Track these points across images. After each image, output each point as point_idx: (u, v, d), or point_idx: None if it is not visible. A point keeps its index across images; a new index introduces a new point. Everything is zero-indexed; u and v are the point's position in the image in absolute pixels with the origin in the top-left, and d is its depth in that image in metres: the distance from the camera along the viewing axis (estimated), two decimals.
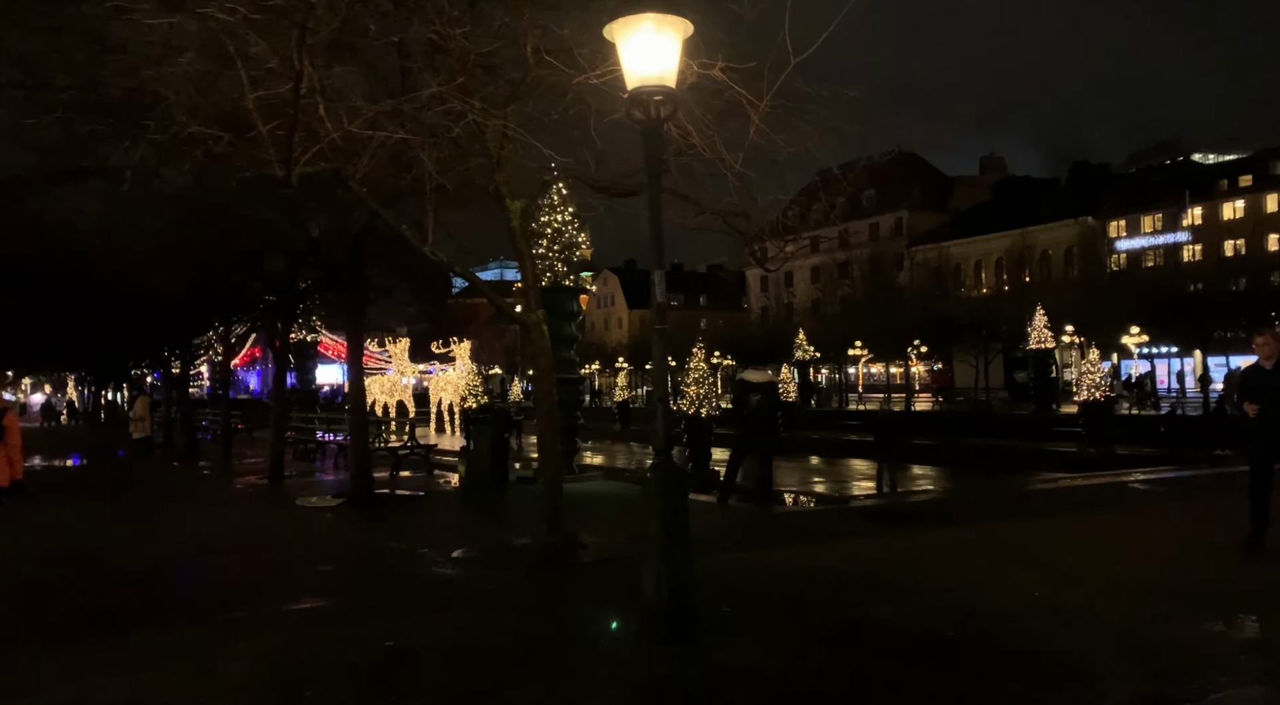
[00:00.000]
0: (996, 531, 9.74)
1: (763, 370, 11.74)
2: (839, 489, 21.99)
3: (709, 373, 24.27)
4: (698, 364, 24.04)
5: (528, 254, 8.81)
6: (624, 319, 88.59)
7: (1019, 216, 64.30)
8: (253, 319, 20.88)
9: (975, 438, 35.53)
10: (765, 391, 11.34)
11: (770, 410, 11.48)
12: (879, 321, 50.60)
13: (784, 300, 71.69)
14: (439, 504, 12.76)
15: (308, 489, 14.79)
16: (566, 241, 14.26)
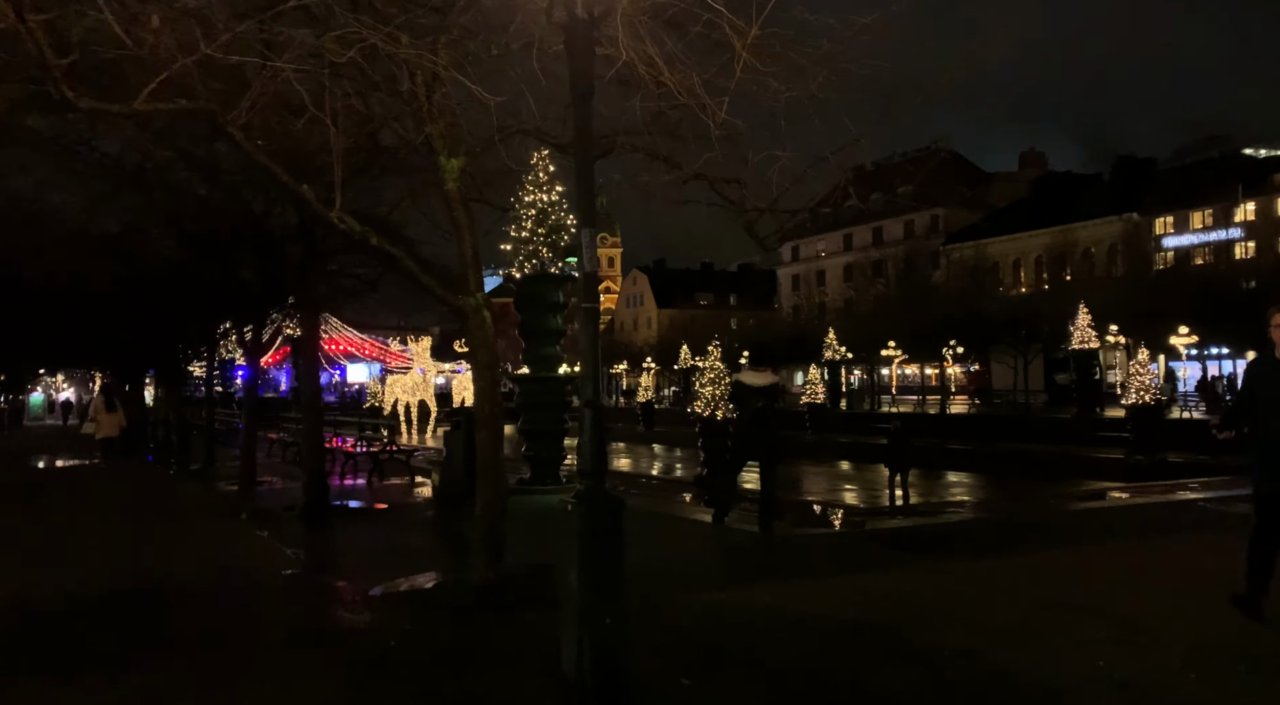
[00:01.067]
0: (1041, 563, 7.97)
1: (763, 371, 10.08)
2: (860, 500, 20.12)
3: (727, 372, 22.57)
4: (714, 363, 22.34)
5: (466, 224, 7.22)
6: (653, 319, 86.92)
7: (1059, 213, 61.68)
8: (238, 315, 19.59)
9: (1013, 442, 33.40)
10: (766, 395, 9.69)
11: (772, 416, 9.82)
12: (913, 321, 48.52)
13: (815, 299, 69.58)
14: (398, 519, 11.23)
15: (271, 498, 13.34)
16: (554, 224, 12.66)
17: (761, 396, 9.62)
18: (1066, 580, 7.27)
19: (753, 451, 9.89)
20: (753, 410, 9.68)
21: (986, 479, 26.21)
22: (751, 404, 9.66)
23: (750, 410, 9.71)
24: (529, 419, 12.81)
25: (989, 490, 23.76)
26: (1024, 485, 24.09)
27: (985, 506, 18.01)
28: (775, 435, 9.83)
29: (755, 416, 9.65)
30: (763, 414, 9.63)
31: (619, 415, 53.62)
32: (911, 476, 25.24)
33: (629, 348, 69.25)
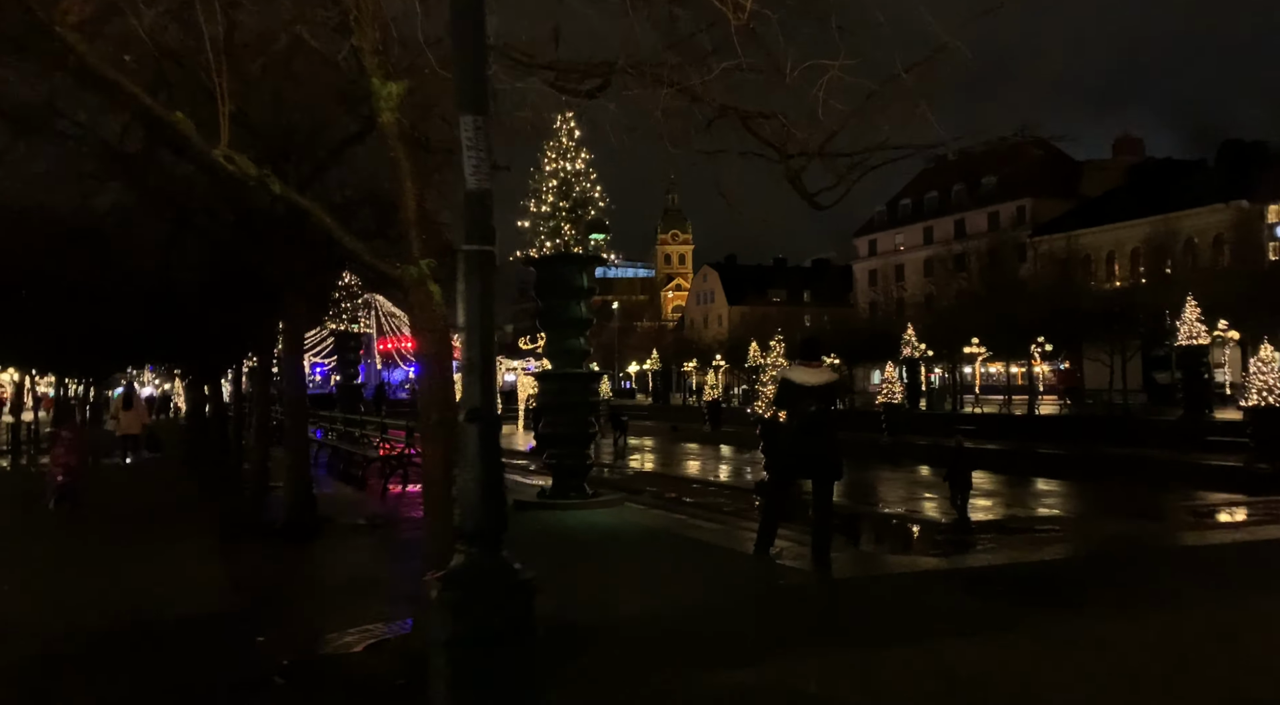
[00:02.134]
0: (1199, 629, 5.77)
1: (817, 366, 7.99)
2: (939, 514, 17.72)
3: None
4: (777, 359, 20.23)
5: (406, 169, 5.39)
6: (723, 316, 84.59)
7: (1158, 202, 57.29)
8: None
9: (1112, 446, 30.31)
10: (821, 397, 7.65)
11: (829, 423, 7.77)
12: (998, 317, 45.31)
13: (894, 295, 66.31)
14: (389, 542, 9.50)
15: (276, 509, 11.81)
16: (579, 197, 10.82)
17: (815, 398, 7.61)
18: (1244, 657, 5.09)
19: (804, 467, 7.88)
20: (804, 415, 7.66)
21: (1083, 488, 23.42)
22: (802, 408, 7.65)
23: (801, 415, 7.70)
24: (550, 421, 11.01)
25: (1089, 503, 21.06)
26: (1128, 496, 21.34)
27: (1090, 527, 15.51)
28: (833, 448, 7.77)
29: (807, 423, 7.63)
30: (817, 421, 7.62)
31: (687, 414, 51.68)
32: (998, 484, 22.78)
33: (698, 345, 67.19)
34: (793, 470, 8.03)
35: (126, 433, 20.12)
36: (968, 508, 17.23)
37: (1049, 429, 36.03)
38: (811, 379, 7.66)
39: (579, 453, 10.85)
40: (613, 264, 10.73)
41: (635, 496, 14.81)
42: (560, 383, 10.83)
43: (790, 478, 8.15)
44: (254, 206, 10.66)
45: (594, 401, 10.85)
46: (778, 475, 8.21)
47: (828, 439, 7.69)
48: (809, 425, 7.62)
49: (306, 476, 9.80)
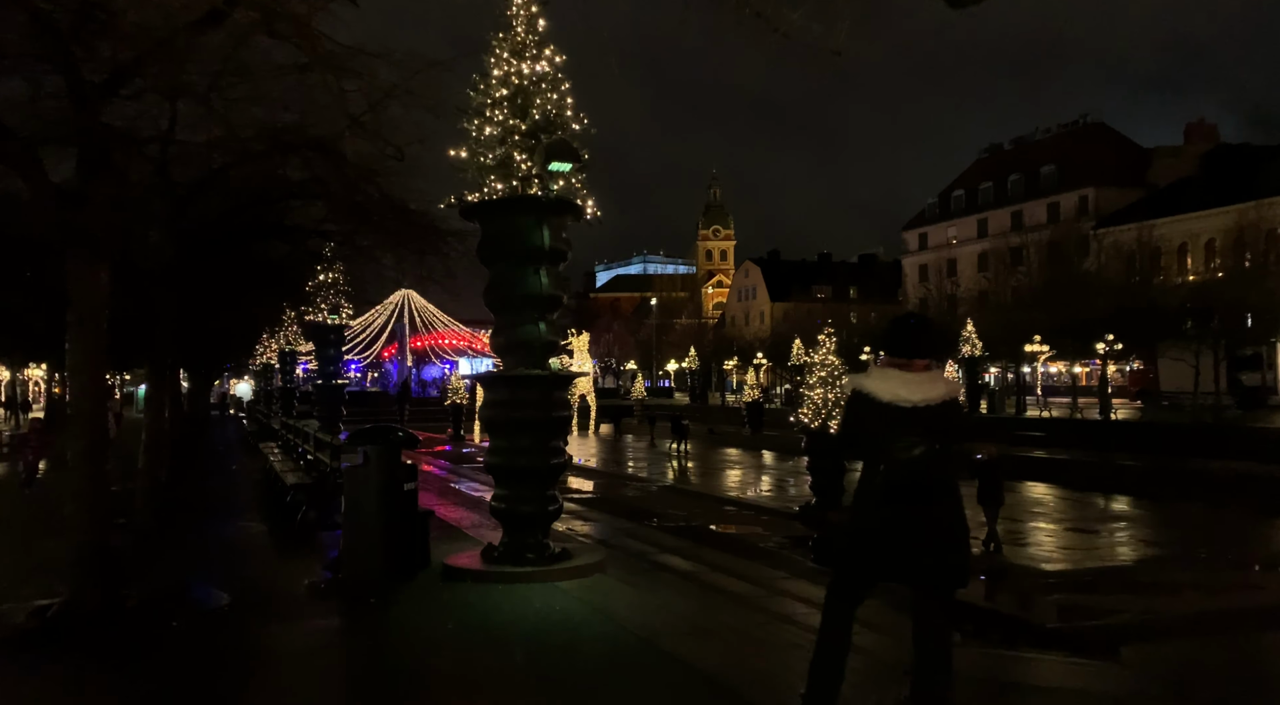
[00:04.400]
0: None
1: (921, 370, 4.01)
2: (1055, 557, 13.59)
3: (842, 370, 16.53)
4: (826, 357, 16.37)
5: None
6: (766, 313, 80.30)
7: (1235, 191, 52.04)
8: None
9: (1204, 458, 25.81)
10: (931, 429, 3.85)
11: (946, 481, 3.92)
12: (1061, 313, 40.80)
13: (946, 290, 61.59)
14: (206, 652, 5.83)
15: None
16: (542, 118, 7.12)
17: (919, 430, 3.79)
18: None
19: (896, 563, 3.97)
20: (904, 462, 3.83)
21: (1175, 514, 19.10)
22: (901, 446, 3.82)
23: (894, 464, 3.86)
24: (497, 445, 7.33)
25: (1184, 536, 16.73)
26: (1243, 523, 17.10)
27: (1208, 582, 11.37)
28: (954, 529, 3.92)
29: (904, 480, 3.81)
30: (922, 474, 3.80)
31: (725, 415, 47.77)
32: (1068, 505, 18.92)
33: (739, 343, 63.16)
34: (874, 565, 4.09)
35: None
36: (997, 533, 13.58)
37: (1128, 437, 31.50)
38: (912, 394, 3.82)
39: (538, 494, 7.15)
40: (593, 218, 6.93)
41: (633, 538, 11.09)
42: (510, 389, 7.15)
43: (867, 580, 4.23)
44: None
45: (560, 417, 7.09)
46: (844, 572, 4.28)
47: (944, 512, 3.87)
48: (908, 484, 3.82)
49: (102, 526, 6.19)
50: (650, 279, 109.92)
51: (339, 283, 18.69)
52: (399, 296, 65.96)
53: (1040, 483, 24.46)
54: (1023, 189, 62.89)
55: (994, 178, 65.74)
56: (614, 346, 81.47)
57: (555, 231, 7.11)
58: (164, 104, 10.06)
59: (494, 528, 8.39)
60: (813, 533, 15.12)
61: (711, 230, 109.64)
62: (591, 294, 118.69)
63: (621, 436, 41.13)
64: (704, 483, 23.81)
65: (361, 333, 63.26)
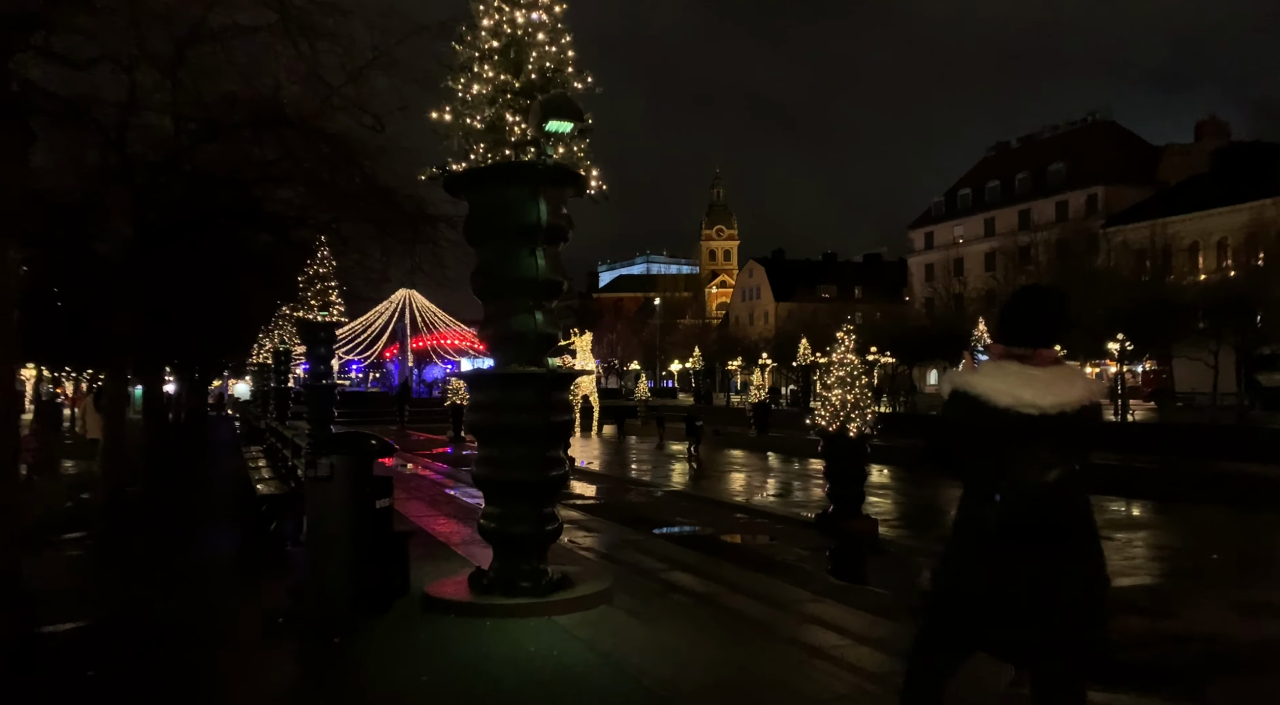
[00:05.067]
0: None
1: (1049, 363, 2.90)
2: None
3: (861, 370, 15.47)
4: (844, 356, 15.29)
5: None
6: (770, 312, 79.19)
7: (1249, 188, 50.97)
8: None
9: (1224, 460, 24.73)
10: (1067, 443, 2.76)
11: (1082, 517, 2.85)
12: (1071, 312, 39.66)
13: (953, 290, 60.44)
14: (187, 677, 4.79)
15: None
16: (538, 75, 6.06)
17: (1054, 442, 2.71)
18: None
19: (1018, 625, 2.83)
20: (1031, 489, 2.73)
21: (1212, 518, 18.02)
22: (1027, 468, 2.71)
23: (1023, 488, 2.75)
24: (486, 454, 6.26)
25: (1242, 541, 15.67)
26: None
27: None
28: (1092, 580, 2.81)
29: (1035, 515, 2.71)
30: (1059, 507, 2.71)
31: (730, 416, 46.68)
32: (1097, 513, 17.91)
33: (743, 343, 62.08)
34: (978, 631, 2.88)
35: (97, 437, 16.54)
36: None
37: (1148, 439, 30.39)
38: (1041, 397, 2.71)
39: (534, 512, 6.09)
40: (598, 193, 5.82)
41: (640, 552, 10.03)
42: (502, 390, 6.09)
43: (965, 646, 3.01)
44: None
45: (560, 422, 6.03)
46: (934, 635, 3.06)
47: (1080, 559, 2.75)
48: (1035, 519, 2.72)
49: (9, 550, 5.10)
50: (654, 279, 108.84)
51: (328, 277, 17.65)
52: (400, 296, 65.02)
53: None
54: (1030, 187, 61.79)
55: (1001, 176, 64.63)
56: (617, 347, 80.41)
57: (553, 205, 6.04)
58: (122, 76, 9.03)
59: (487, 544, 7.37)
60: (831, 542, 14.06)
61: (715, 230, 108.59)
62: (595, 294, 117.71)
63: (626, 438, 40.12)
64: (713, 487, 22.76)
65: (363, 332, 62.33)
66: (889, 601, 10.43)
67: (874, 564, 12.84)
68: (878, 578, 11.99)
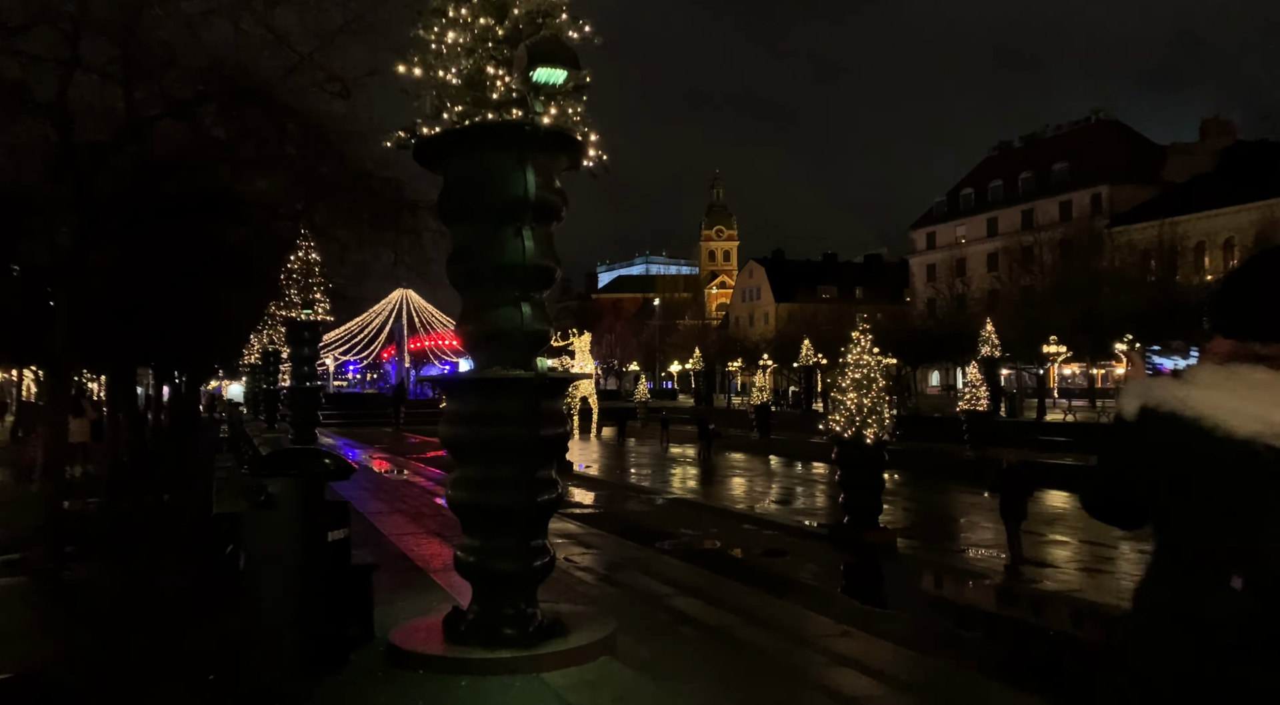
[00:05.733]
0: None
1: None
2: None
3: (878, 371, 14.40)
4: (860, 357, 14.24)
5: None
6: (770, 313, 78.13)
7: (1255, 188, 50.04)
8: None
9: None
10: None
11: None
12: (1077, 312, 38.77)
13: (956, 290, 59.42)
14: None
15: None
16: (525, 20, 4.99)
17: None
18: None
19: None
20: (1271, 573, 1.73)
21: None
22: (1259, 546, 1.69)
23: (1258, 569, 1.74)
24: (464, 475, 5.18)
25: None
26: None
27: None
28: None
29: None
30: None
31: (731, 418, 45.59)
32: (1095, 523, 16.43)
33: (744, 344, 61.03)
34: None
35: (75, 441, 15.56)
36: (1020, 547, 12.57)
37: None
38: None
39: (520, 544, 5.01)
40: (598, 164, 4.70)
41: (643, 572, 8.95)
42: (483, 398, 5.00)
43: None
44: None
45: (552, 436, 4.94)
46: None
47: None
48: None
49: None
50: (653, 280, 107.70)
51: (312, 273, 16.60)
52: (397, 296, 63.90)
53: (1068, 492, 22.37)
54: (1034, 187, 60.79)
55: (1004, 176, 63.63)
56: (616, 348, 79.34)
57: (543, 176, 4.97)
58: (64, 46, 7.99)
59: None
60: (848, 556, 13.00)
61: (715, 230, 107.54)
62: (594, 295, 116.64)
63: (626, 440, 39.05)
64: (717, 493, 21.69)
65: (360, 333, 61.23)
66: (922, 631, 9.38)
67: (897, 582, 11.78)
68: (904, 598, 10.94)
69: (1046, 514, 18.91)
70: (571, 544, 11.51)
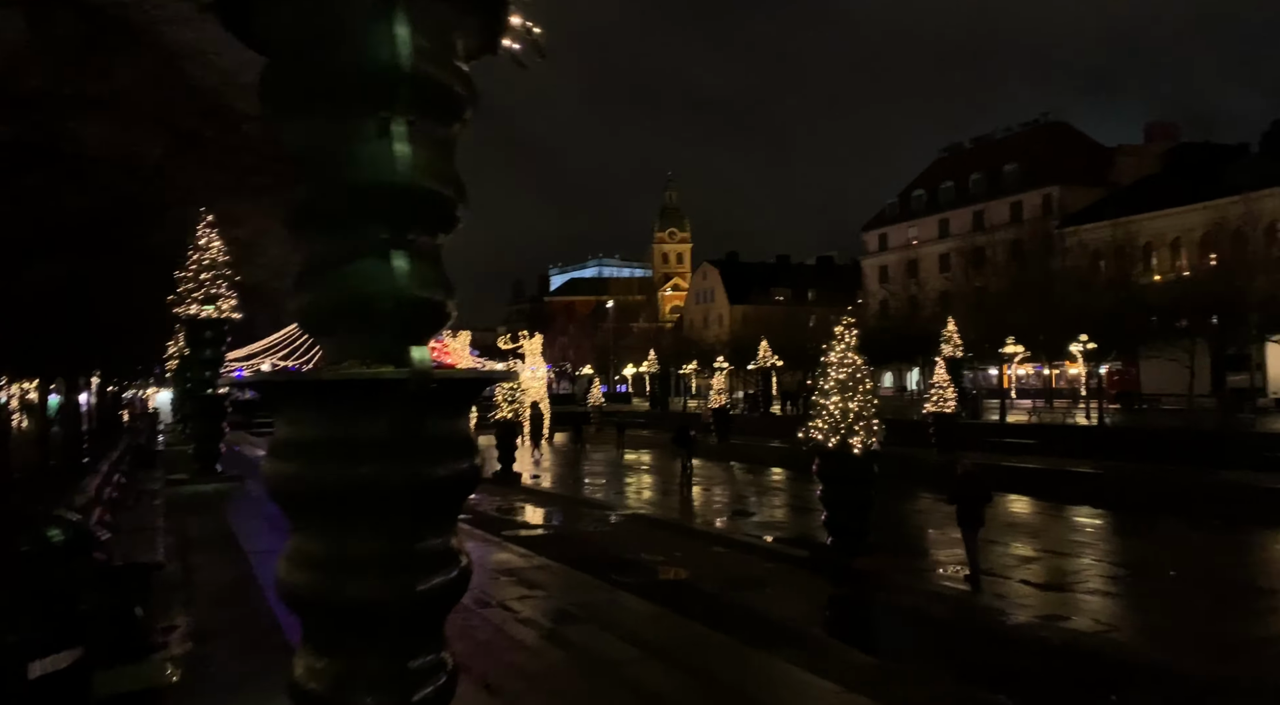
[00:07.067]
0: None
1: None
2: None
3: (865, 372, 12.48)
4: (845, 355, 12.33)
5: None
6: (724, 315, 76.49)
7: (1200, 189, 49.98)
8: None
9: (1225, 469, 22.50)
10: None
11: None
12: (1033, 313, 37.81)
13: (909, 291, 58.36)
14: None
15: None
16: None
17: None
18: None
19: None
20: None
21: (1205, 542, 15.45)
22: None
23: None
24: (301, 548, 3.00)
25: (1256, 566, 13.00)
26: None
27: None
28: None
29: None
30: None
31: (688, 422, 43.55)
32: (1060, 526, 15.48)
33: (699, 346, 59.22)
34: None
35: None
36: (977, 556, 11.31)
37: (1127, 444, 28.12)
38: None
39: (394, 666, 2.90)
40: (526, 44, 2.47)
41: (599, 623, 6.80)
42: (325, 412, 2.87)
43: None
44: None
45: (450, 477, 2.78)
46: None
47: None
48: None
49: None
50: (606, 282, 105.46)
51: (215, 264, 14.17)
52: None
53: (1030, 497, 20.89)
54: (985, 188, 60.11)
55: (955, 177, 62.91)
56: (569, 351, 77.02)
57: (431, 35, 2.85)
58: None
59: None
60: (837, 588, 11.05)
61: (668, 233, 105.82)
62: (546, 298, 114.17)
63: (581, 446, 36.78)
64: (681, 508, 19.63)
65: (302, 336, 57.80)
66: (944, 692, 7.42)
67: (898, 623, 9.85)
68: (910, 644, 9.01)
69: (1008, 519, 17.24)
70: (513, 583, 9.37)
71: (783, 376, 51.12)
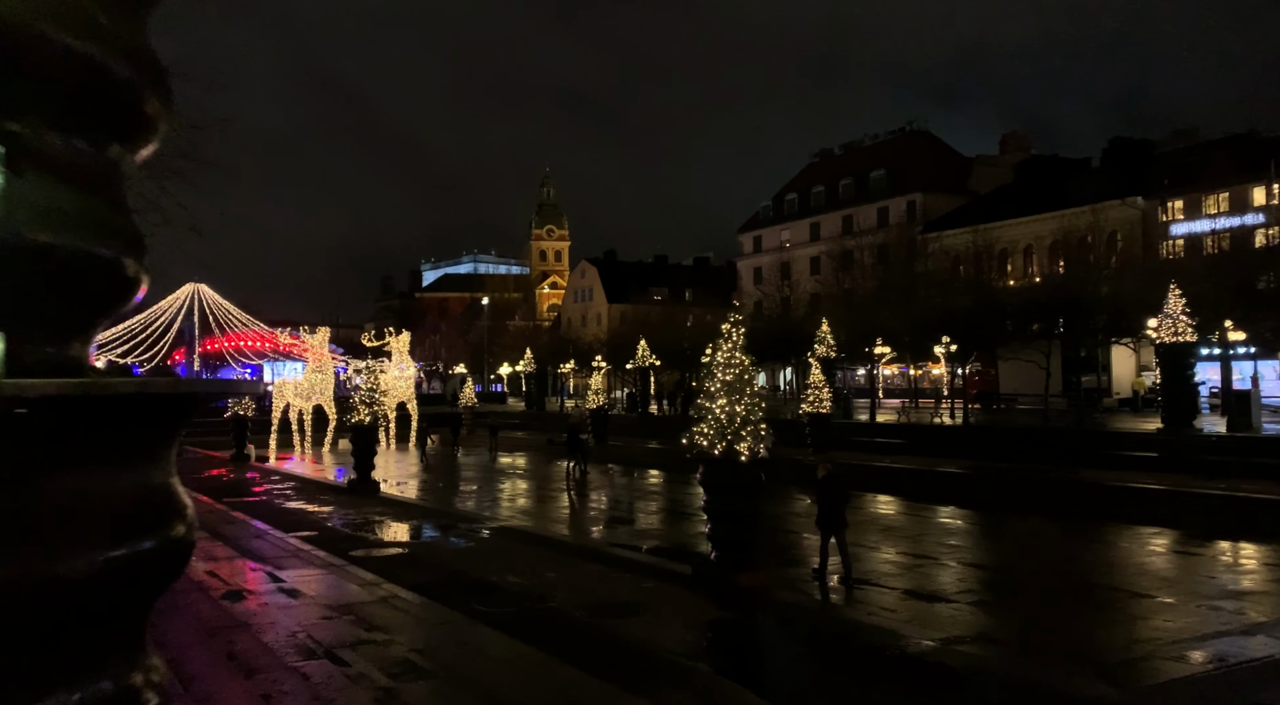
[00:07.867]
0: None
1: None
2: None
3: (753, 373, 11.56)
4: (732, 355, 11.36)
5: None
6: (603, 315, 75.55)
7: (1049, 199, 52.81)
8: None
9: (1081, 466, 23.19)
10: None
11: None
12: (902, 315, 38.58)
13: (782, 293, 59.07)
14: None
15: None
16: None
17: None
18: None
19: None
20: None
21: (1072, 542, 15.59)
22: None
23: None
24: None
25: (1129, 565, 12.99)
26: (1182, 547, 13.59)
27: None
28: None
29: None
30: None
31: (563, 423, 42.30)
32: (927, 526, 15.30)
33: (577, 345, 57.97)
34: None
35: None
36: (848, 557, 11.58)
37: (990, 443, 28.79)
38: None
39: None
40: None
41: (455, 670, 5.50)
42: None
43: None
44: None
45: (96, 576, 1.44)
46: None
47: None
48: None
49: None
50: (481, 279, 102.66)
51: None
52: (187, 291, 55.78)
53: (899, 498, 20.84)
54: (854, 193, 61.57)
55: (826, 182, 64.22)
56: (441, 349, 74.21)
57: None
58: None
59: None
60: (722, 610, 10.05)
61: (545, 230, 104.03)
62: (417, 294, 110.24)
63: (453, 449, 34.83)
64: (554, 517, 18.31)
65: (144, 332, 52.87)
66: None
67: (788, 650, 8.91)
68: (804, 677, 8.07)
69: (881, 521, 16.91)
70: (349, 623, 7.85)
71: (661, 376, 50.51)
